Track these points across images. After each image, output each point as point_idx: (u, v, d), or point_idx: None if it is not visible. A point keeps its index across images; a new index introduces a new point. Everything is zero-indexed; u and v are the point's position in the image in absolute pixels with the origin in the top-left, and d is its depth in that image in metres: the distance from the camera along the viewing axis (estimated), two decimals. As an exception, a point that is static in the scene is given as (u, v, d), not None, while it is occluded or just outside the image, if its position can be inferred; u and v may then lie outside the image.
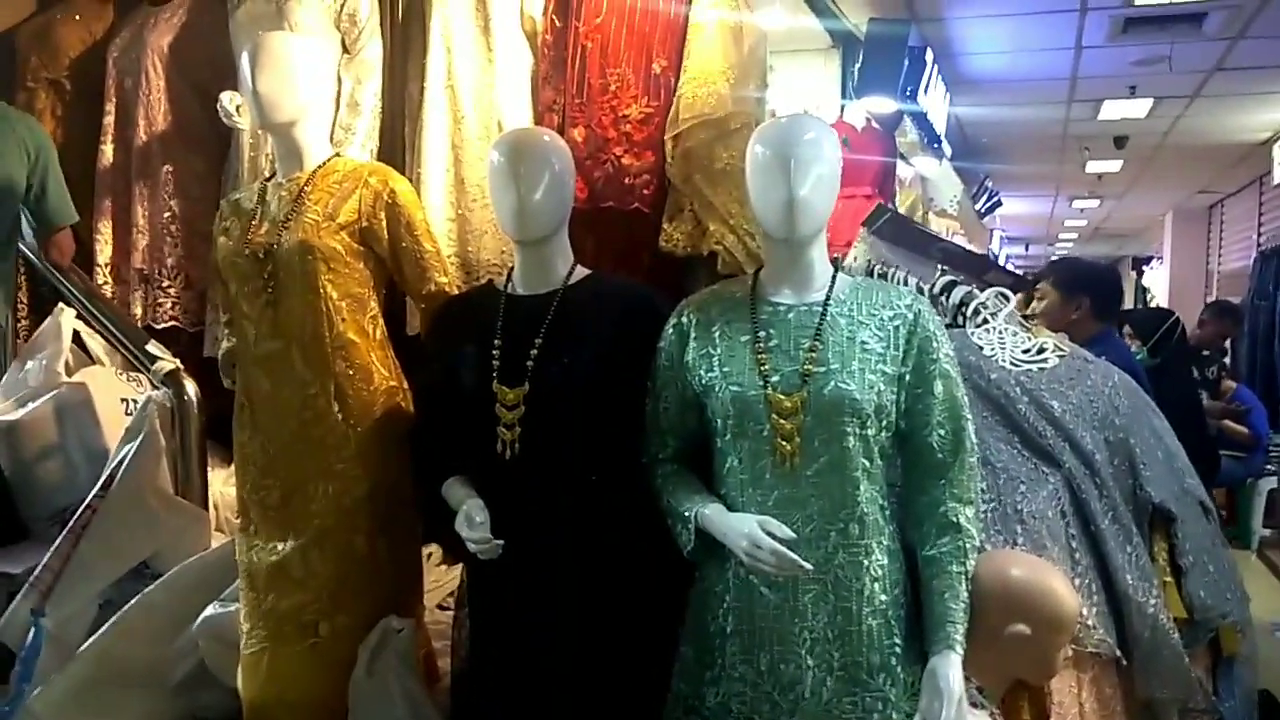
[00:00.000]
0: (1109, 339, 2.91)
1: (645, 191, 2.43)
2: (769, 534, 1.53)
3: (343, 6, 2.63)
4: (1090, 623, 1.79)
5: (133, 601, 2.19)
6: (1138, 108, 6.27)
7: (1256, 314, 7.11)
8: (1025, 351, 2.04)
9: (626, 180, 2.42)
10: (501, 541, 1.69)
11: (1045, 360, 2.02)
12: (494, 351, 1.81)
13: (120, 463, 2.34)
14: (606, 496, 1.78)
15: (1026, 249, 17.46)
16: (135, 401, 2.70)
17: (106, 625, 2.15)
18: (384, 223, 2.04)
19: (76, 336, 2.82)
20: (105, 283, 2.89)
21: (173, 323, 2.84)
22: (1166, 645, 1.81)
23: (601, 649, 1.77)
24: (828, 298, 1.66)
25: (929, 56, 4.55)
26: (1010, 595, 1.62)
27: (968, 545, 1.61)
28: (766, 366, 1.62)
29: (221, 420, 2.73)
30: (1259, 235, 9.17)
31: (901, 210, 4.89)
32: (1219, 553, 1.99)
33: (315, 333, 2.00)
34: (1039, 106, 6.23)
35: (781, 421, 1.59)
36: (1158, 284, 14.10)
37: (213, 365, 2.75)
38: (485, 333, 1.83)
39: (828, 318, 1.64)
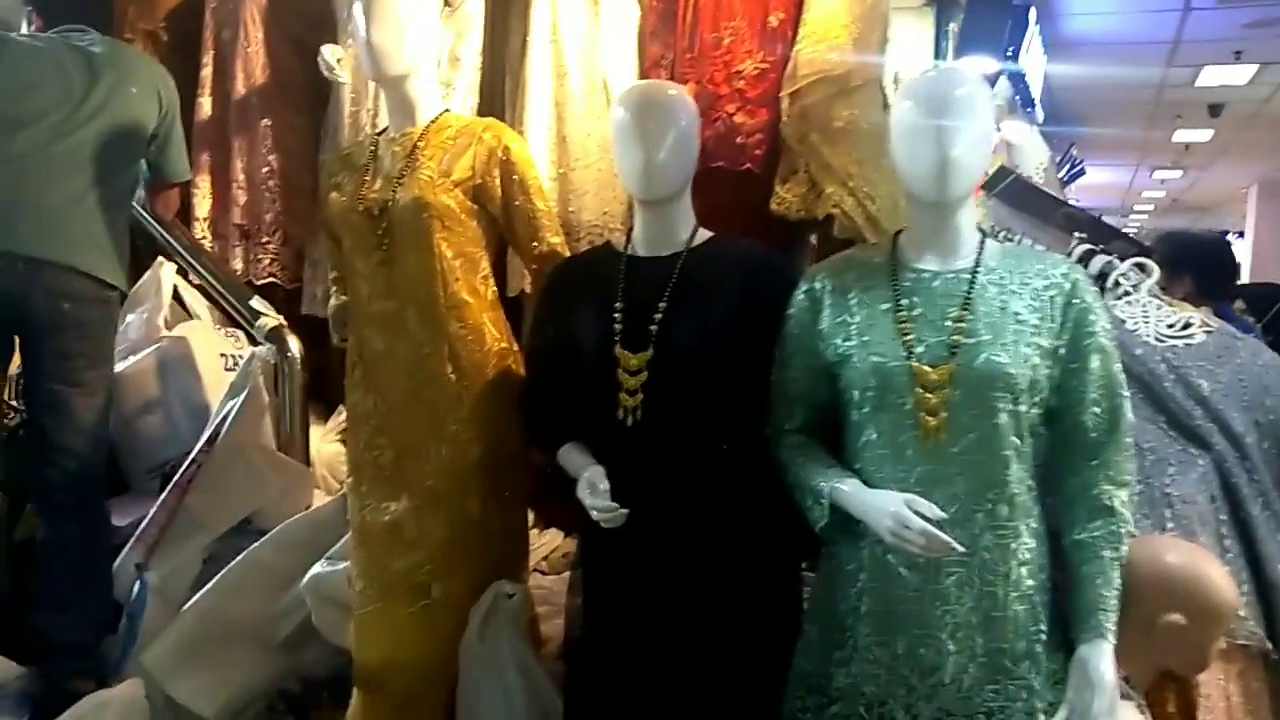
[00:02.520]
0: (1224, 316, 2.77)
1: (757, 151, 2.34)
2: (917, 513, 1.46)
3: (446, -42, 2.56)
4: (1241, 613, 1.69)
5: (239, 558, 2.19)
6: (1240, 74, 5.99)
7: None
8: (1170, 326, 1.93)
9: (738, 139, 2.33)
10: (626, 510, 1.64)
11: (1192, 336, 1.91)
12: (615, 315, 1.75)
13: (224, 418, 2.34)
14: (731, 466, 1.72)
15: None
16: (235, 357, 2.71)
17: (213, 582, 2.16)
18: (497, 180, 1.99)
19: (175, 291, 2.82)
20: (204, 237, 2.88)
21: (271, 279, 2.83)
22: (1319, 639, 1.71)
23: (721, 622, 1.72)
24: (976, 264, 1.57)
25: (1031, 16, 4.37)
26: (1166, 584, 1.53)
27: (1122, 530, 1.53)
28: (910, 336, 1.54)
29: (319, 377, 2.76)
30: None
31: (987, 176, 4.73)
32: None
33: (430, 292, 1.95)
34: (1135, 70, 5.97)
35: (926, 395, 1.51)
36: (1240, 259, 13.65)
37: (310, 321, 2.78)
38: (606, 296, 1.77)
39: (977, 285, 1.55)
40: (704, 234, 1.82)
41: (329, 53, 2.56)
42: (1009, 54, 4.23)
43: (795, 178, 2.32)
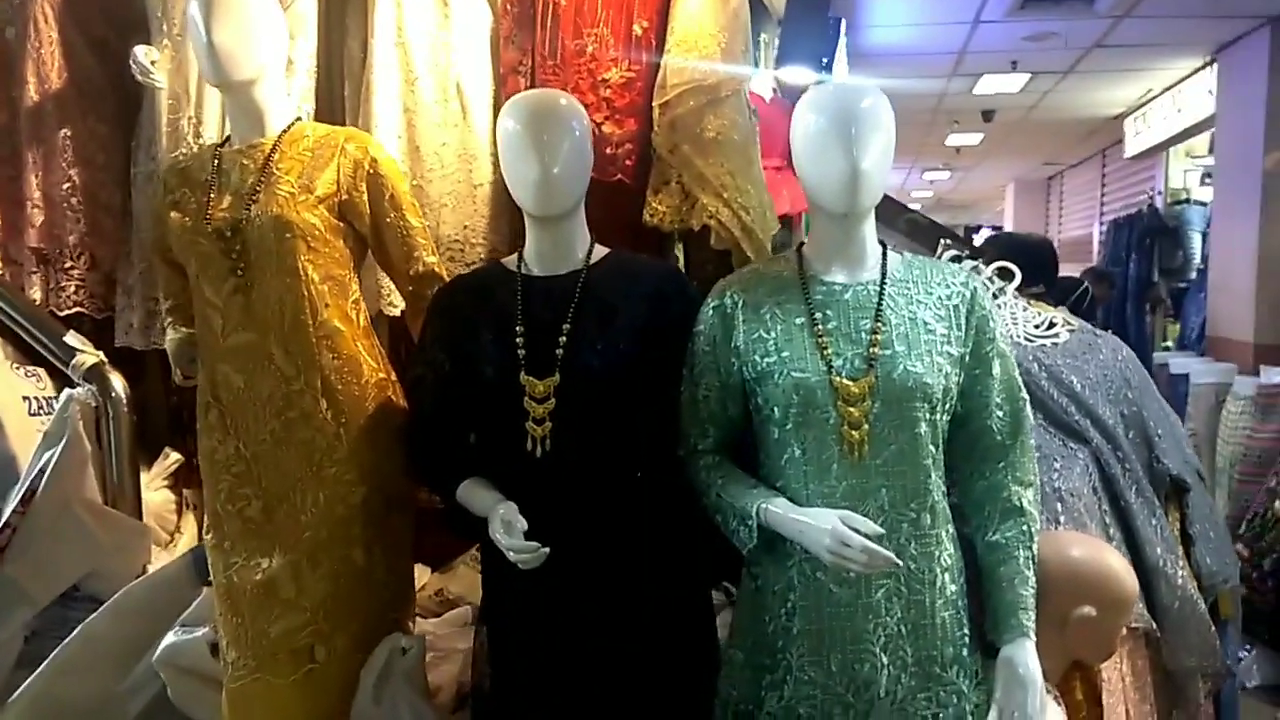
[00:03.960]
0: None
1: (628, 162, 2.28)
2: (854, 529, 1.44)
3: (274, -47, 2.34)
4: (1129, 598, 1.79)
5: (73, 633, 1.90)
6: (1013, 82, 6.50)
7: (1105, 279, 7.58)
8: (1037, 327, 2.03)
9: (608, 150, 2.26)
10: (547, 549, 1.54)
11: (1057, 335, 2.02)
12: (518, 340, 1.64)
13: (41, 472, 2.03)
14: (646, 492, 1.65)
15: (873, 218, 18.07)
16: (40, 399, 2.38)
17: (45, 663, 1.86)
18: (365, 195, 1.83)
19: (-45, 327, 2.44)
20: (-9, 264, 2.52)
21: (77, 309, 2.49)
22: (1194, 614, 1.84)
23: (641, 654, 1.65)
24: (884, 275, 1.58)
25: (842, 28, 4.54)
26: (1075, 578, 1.59)
27: (1032, 529, 1.58)
28: (829, 351, 1.53)
29: (139, 416, 2.46)
30: (1102, 205, 9.79)
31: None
32: (1217, 519, 2.04)
33: (296, 320, 1.77)
34: (921, 79, 6.37)
35: (849, 408, 1.50)
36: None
37: (124, 354, 2.48)
38: (504, 319, 1.66)
39: (886, 297, 1.56)
40: (600, 250, 1.74)
41: (142, 54, 2.29)
42: (823, 64, 4.37)
43: (667, 188, 2.28)
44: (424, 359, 1.76)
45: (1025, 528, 1.57)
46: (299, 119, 1.90)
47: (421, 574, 2.60)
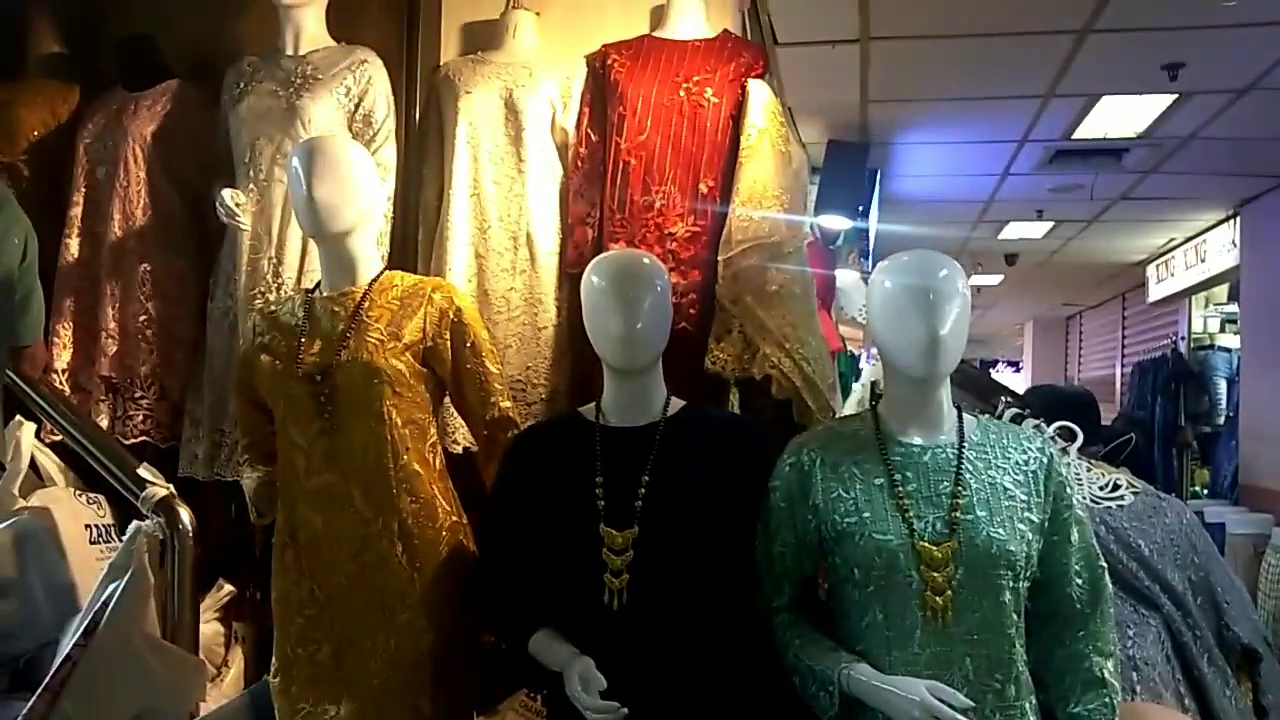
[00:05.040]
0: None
1: (691, 311, 2.35)
2: (942, 701, 1.42)
3: (358, 106, 2.48)
4: (1206, 773, 1.75)
5: (127, 774, 1.87)
6: (1038, 229, 6.67)
7: (1137, 425, 7.58)
8: (1101, 488, 2.04)
9: (674, 300, 2.33)
10: (626, 710, 1.52)
11: (1122, 498, 2.03)
12: (597, 490, 1.67)
13: (104, 605, 2.02)
14: (723, 648, 1.64)
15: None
16: (100, 528, 2.39)
17: (97, 805, 1.83)
18: (449, 343, 1.89)
19: (26, 452, 2.47)
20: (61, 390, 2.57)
21: (143, 438, 2.54)
22: (1275, 792, 1.79)
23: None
24: (961, 438, 1.61)
25: (877, 177, 4.72)
26: (1158, 752, 1.57)
27: (1114, 701, 1.56)
28: (910, 514, 1.54)
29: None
30: (1124, 347, 9.87)
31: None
32: (1288, 689, 2.00)
33: (379, 464, 1.80)
34: (948, 226, 6.55)
35: (931, 574, 1.51)
36: (1018, 387, 15.01)
37: (187, 486, 2.50)
38: (584, 469, 1.69)
39: (965, 460, 1.58)
40: (677, 403, 1.78)
41: (229, 196, 2.39)
42: (860, 211, 4.53)
43: (729, 338, 2.34)
44: (499, 504, 1.79)
45: (1107, 700, 1.55)
46: (388, 268, 1.98)
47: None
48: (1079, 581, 1.58)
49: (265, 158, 2.47)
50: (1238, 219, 5.71)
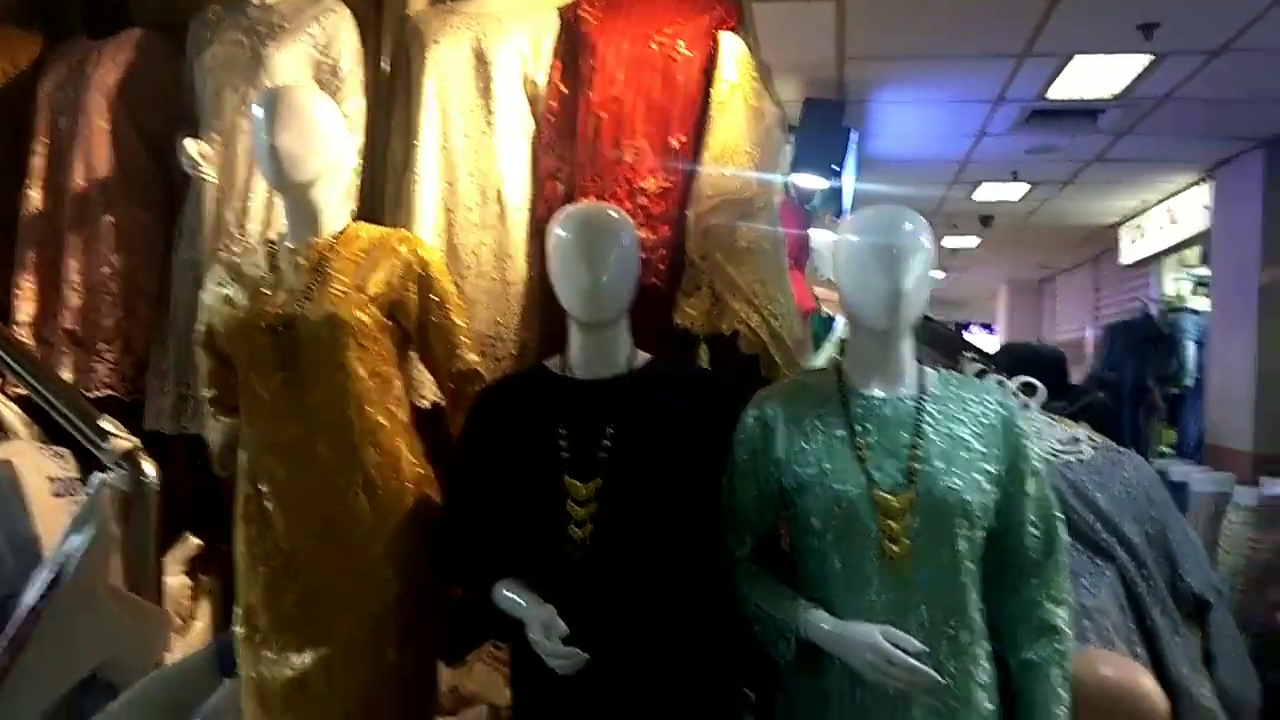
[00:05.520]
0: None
1: (660, 266, 2.34)
2: (897, 646, 1.45)
3: (325, 56, 2.44)
4: (1157, 717, 1.79)
5: (93, 722, 1.88)
6: (1013, 191, 6.69)
7: (1106, 385, 7.68)
8: (1061, 442, 2.07)
9: (642, 255, 2.31)
10: (586, 656, 1.55)
11: (1081, 451, 2.06)
12: (561, 442, 1.67)
13: (68, 557, 2.03)
14: (688, 597, 1.66)
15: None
16: (63, 480, 2.38)
17: (64, 754, 1.84)
18: (415, 295, 1.89)
19: (-13, 405, 2.46)
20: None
21: (108, 391, 2.51)
22: (1220, 736, 1.84)
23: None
24: (922, 391, 1.63)
25: (853, 136, 4.70)
26: (1107, 698, 1.61)
27: (1067, 648, 1.59)
28: (869, 464, 1.56)
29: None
30: (1096, 310, 9.96)
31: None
32: (1238, 637, 2.06)
33: (343, 416, 1.80)
34: (924, 186, 6.55)
35: (889, 522, 1.53)
36: (992, 349, 15.14)
37: (151, 440, 2.49)
38: (546, 421, 1.70)
39: (925, 412, 1.60)
40: (642, 356, 1.79)
41: (192, 146, 2.36)
42: (834, 171, 4.52)
43: (698, 293, 2.33)
44: (464, 456, 1.79)
45: (1060, 646, 1.58)
46: (355, 219, 1.96)
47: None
48: (1034, 532, 1.61)
49: (230, 107, 2.43)
50: (1210, 181, 5.75)
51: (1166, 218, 6.79)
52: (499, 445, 1.73)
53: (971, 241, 9.41)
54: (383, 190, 2.55)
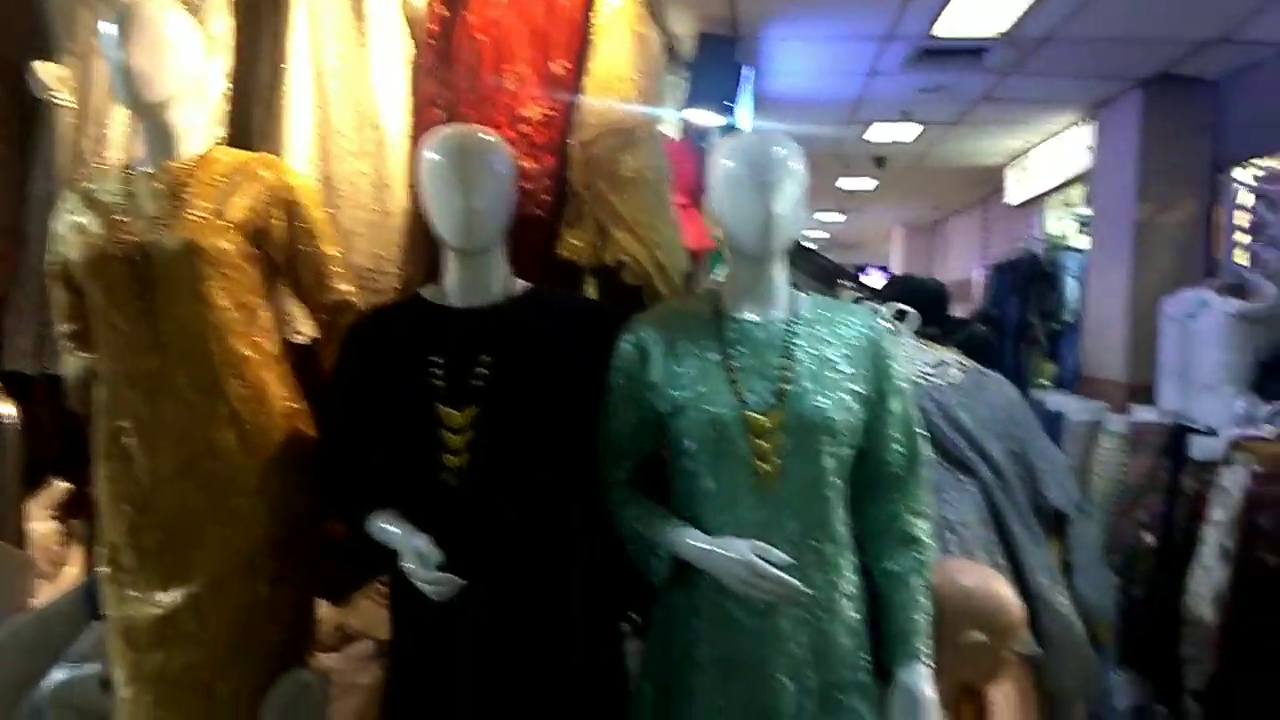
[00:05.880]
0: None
1: (544, 197, 2.31)
2: (764, 559, 1.49)
3: (187, -28, 2.31)
4: (1016, 624, 1.89)
5: (-49, 670, 1.81)
6: (904, 131, 6.79)
7: (990, 321, 7.95)
8: (933, 367, 2.13)
9: (524, 185, 2.28)
10: (462, 581, 1.55)
11: (950, 375, 2.13)
12: (435, 370, 1.65)
13: (-81, 501, 1.93)
14: (566, 523, 1.67)
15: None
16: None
17: (-82, 702, 1.77)
18: (281, 223, 1.82)
19: None
20: None
21: (-38, 330, 2.38)
22: (1074, 640, 1.95)
23: (555, 688, 1.66)
24: (794, 315, 1.65)
25: (748, 73, 4.69)
26: (966, 605, 1.68)
27: (927, 558, 1.66)
28: (740, 386, 1.59)
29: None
30: (986, 249, 10.26)
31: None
32: (1096, 550, 2.18)
33: (202, 348, 1.74)
34: (817, 125, 6.59)
35: (759, 442, 1.56)
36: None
37: (12, 380, 2.38)
38: (420, 349, 1.67)
39: (796, 335, 1.63)
40: (521, 284, 1.77)
41: (42, 71, 2.22)
42: (729, 108, 4.51)
43: (582, 223, 2.31)
44: (337, 387, 1.76)
45: (920, 557, 1.65)
46: (216, 143, 1.87)
47: (320, 608, 2.55)
48: (898, 449, 1.66)
49: (84, 28, 2.29)
50: (1093, 122, 5.93)
51: (1050, 158, 7.00)
52: (372, 375, 1.70)
53: (867, 183, 9.54)
54: (252, 117, 2.45)
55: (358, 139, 2.35)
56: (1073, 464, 4.87)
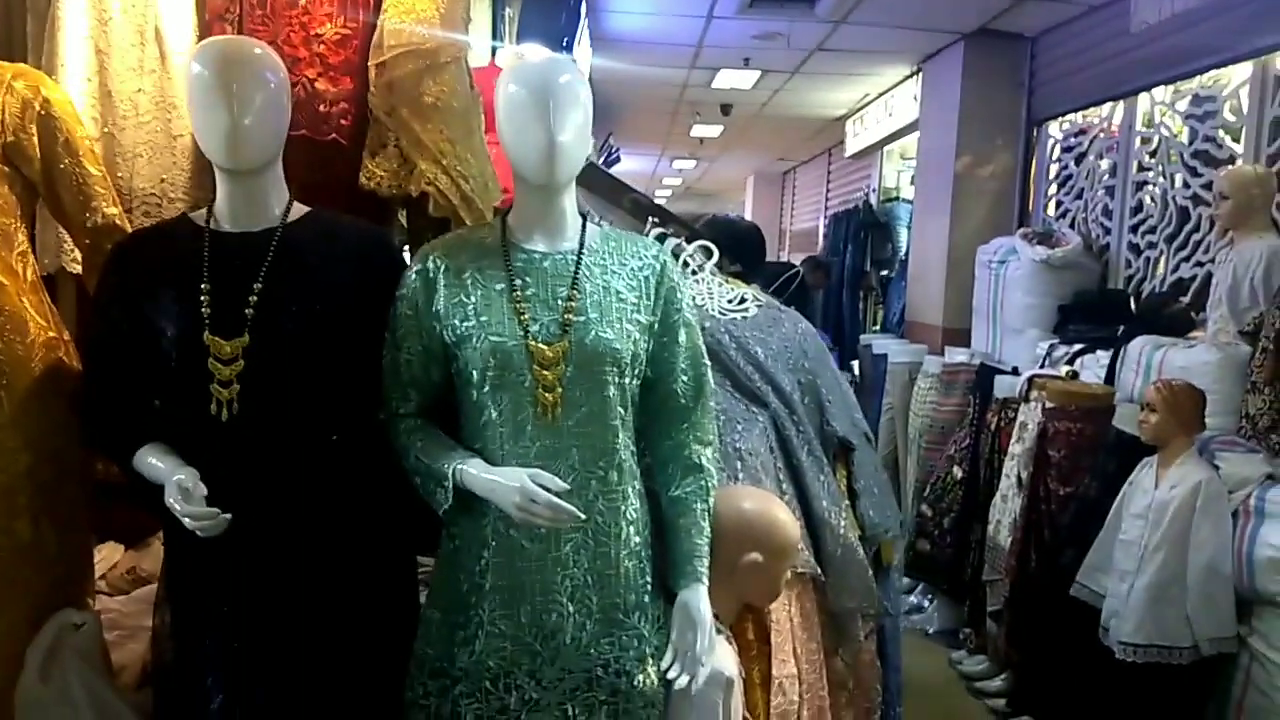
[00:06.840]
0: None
1: (343, 121, 2.22)
2: (542, 486, 1.50)
3: None
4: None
5: None
6: (746, 78, 6.88)
7: (822, 268, 8.24)
8: (730, 301, 2.18)
9: (321, 107, 2.20)
10: (229, 515, 1.49)
11: (747, 310, 2.19)
12: (202, 298, 1.58)
13: None
14: (340, 457, 1.64)
15: (627, 202, 18.58)
16: None
17: None
18: (35, 138, 1.70)
19: None
20: None
21: None
22: (855, 561, 2.06)
23: (335, 623, 1.64)
24: (581, 246, 1.65)
25: (583, 9, 4.63)
26: (745, 528, 1.74)
27: (709, 484, 1.71)
28: (525, 316, 1.58)
29: None
30: (827, 200, 10.57)
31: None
32: (881, 476, 2.30)
33: (-51, 271, 1.61)
34: (663, 69, 6.60)
35: (543, 372, 1.57)
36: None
37: None
38: (187, 276, 1.60)
39: (583, 266, 1.63)
40: (300, 208, 1.71)
41: None
42: (564, 43, 4.45)
43: (385, 152, 2.24)
44: (99, 317, 1.66)
45: (703, 483, 1.70)
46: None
47: (114, 551, 2.44)
48: (684, 379, 1.70)
49: None
50: (920, 74, 6.15)
51: (884, 110, 7.24)
52: (137, 302, 1.61)
53: (715, 130, 9.64)
54: (24, 31, 2.25)
55: (139, 55, 2.20)
56: (894, 403, 5.15)
